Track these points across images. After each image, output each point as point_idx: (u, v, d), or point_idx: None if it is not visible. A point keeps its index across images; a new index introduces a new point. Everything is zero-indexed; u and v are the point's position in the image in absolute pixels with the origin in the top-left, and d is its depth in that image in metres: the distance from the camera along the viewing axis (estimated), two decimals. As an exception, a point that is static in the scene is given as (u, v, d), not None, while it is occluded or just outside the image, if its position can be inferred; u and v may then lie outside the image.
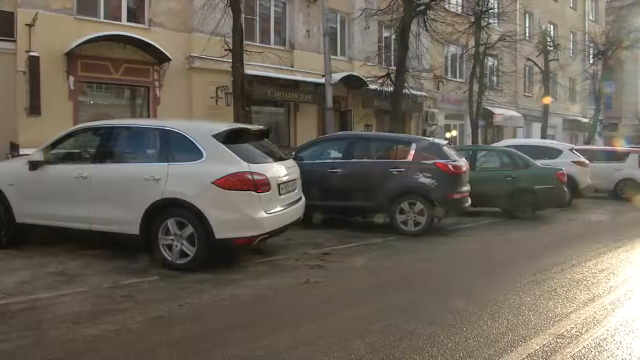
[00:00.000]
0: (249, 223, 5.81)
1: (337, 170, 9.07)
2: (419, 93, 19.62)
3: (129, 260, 6.10)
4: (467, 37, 19.53)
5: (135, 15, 13.78)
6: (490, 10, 20.52)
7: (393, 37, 18.61)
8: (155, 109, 13.82)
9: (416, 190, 8.75)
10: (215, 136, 5.96)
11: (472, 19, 19.03)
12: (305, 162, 8.88)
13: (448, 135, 22.78)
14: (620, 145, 21.74)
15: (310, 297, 5.20)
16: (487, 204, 11.14)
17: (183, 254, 5.84)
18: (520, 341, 4.01)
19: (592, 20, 36.05)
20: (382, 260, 7.06)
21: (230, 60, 11.64)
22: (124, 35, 12.73)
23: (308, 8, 17.17)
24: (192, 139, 5.99)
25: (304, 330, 4.18)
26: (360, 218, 9.73)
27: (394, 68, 15.73)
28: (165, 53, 13.30)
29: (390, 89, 15.36)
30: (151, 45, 12.99)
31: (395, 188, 8.75)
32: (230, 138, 6.04)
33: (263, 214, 5.89)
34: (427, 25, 15.60)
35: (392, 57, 18.73)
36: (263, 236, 6.01)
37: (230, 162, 5.83)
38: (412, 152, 8.87)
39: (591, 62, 32.27)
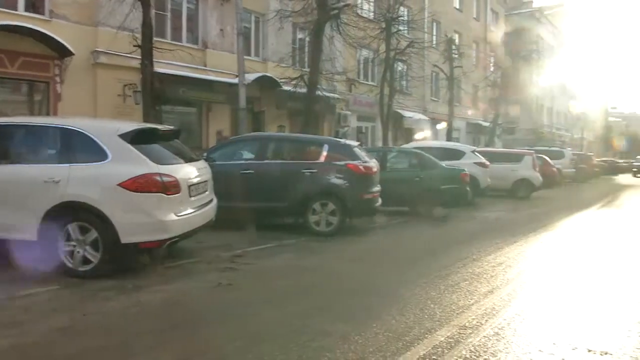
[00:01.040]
0: (158, 226, 5.62)
1: (249, 171, 9.01)
2: (332, 95, 19.92)
3: (27, 269, 5.67)
4: (378, 42, 20.09)
5: (34, 5, 12.84)
6: (400, 18, 21.26)
7: (307, 39, 18.77)
8: (56, 106, 12.96)
9: (328, 191, 8.90)
10: (122, 136, 5.71)
11: (383, 25, 19.62)
12: (218, 163, 8.74)
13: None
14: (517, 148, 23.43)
15: (222, 301, 5.12)
16: (397, 203, 11.54)
17: (86, 261, 5.53)
18: (427, 333, 4.20)
19: (492, 31, 38.51)
20: (295, 261, 7.10)
21: (139, 57, 11.19)
22: (20, 26, 11.82)
23: (222, 6, 16.89)
24: (96, 139, 5.68)
25: (215, 335, 4.11)
26: (273, 219, 9.73)
27: (308, 70, 15.88)
28: (67, 46, 12.50)
29: (304, 90, 15.49)
30: (51, 37, 12.17)
31: (308, 189, 8.85)
32: (138, 138, 5.80)
33: (172, 217, 5.72)
34: (341, 29, 15.89)
35: (306, 59, 18.91)
36: (173, 239, 5.83)
37: (137, 163, 5.61)
38: (325, 153, 9.01)
39: (491, 69, 34.45)
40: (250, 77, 15.75)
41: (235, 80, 14.48)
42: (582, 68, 53.04)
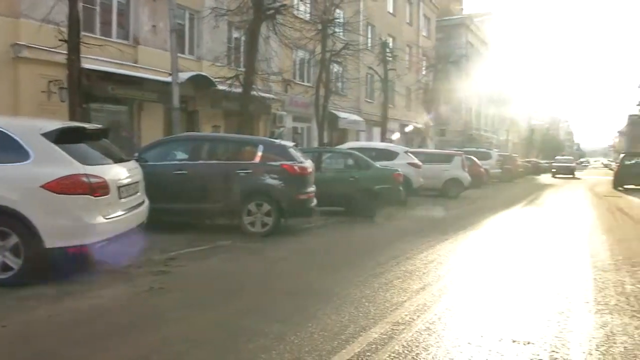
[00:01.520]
0: (85, 230, 5.38)
1: (183, 172, 8.83)
2: (267, 95, 19.85)
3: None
4: (314, 43, 20.21)
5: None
6: (335, 20, 21.51)
7: (243, 38, 18.58)
8: (-28, 102, 12.14)
9: (263, 192, 8.87)
10: (46, 135, 5.41)
11: (319, 27, 19.76)
12: (150, 163, 8.50)
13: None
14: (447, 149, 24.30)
15: (155, 305, 4.97)
16: (332, 203, 11.65)
17: (6, 268, 5.21)
18: (361, 331, 4.27)
19: (425, 36, 39.77)
20: (230, 262, 7.02)
21: (66, 52, 10.66)
22: None
23: (154, 2, 16.38)
24: (16, 138, 5.36)
25: (148, 341, 3.99)
26: (207, 220, 9.57)
27: (243, 69, 15.73)
28: (-17, 39, 11.76)
29: (239, 90, 15.33)
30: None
31: (243, 189, 8.78)
32: (63, 137, 5.53)
33: (101, 220, 5.49)
34: (277, 29, 15.85)
35: (242, 59, 18.72)
36: (102, 243, 5.61)
37: (62, 164, 5.34)
38: (260, 153, 8.97)
39: (424, 73, 35.55)
40: (184, 75, 15.41)
41: (169, 79, 14.12)
42: (509, 74, 55.82)
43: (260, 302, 5.13)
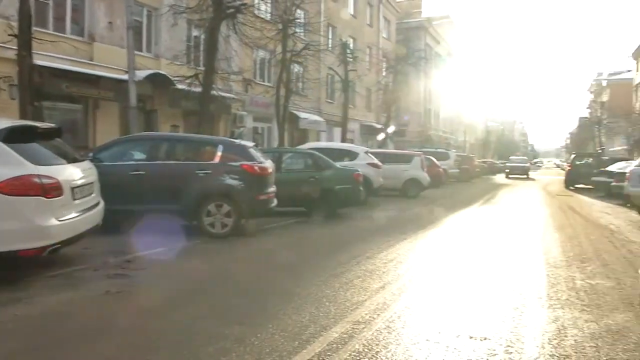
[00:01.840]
0: (37, 232, 5.20)
1: (140, 172, 8.63)
2: (227, 95, 19.66)
3: None
4: (275, 43, 20.14)
5: None
6: (296, 20, 21.49)
7: (202, 37, 18.33)
8: None
9: (223, 192, 8.77)
10: (-6, 134, 5.21)
11: (280, 27, 19.71)
12: (105, 163, 8.29)
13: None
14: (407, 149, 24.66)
15: (111, 310, 4.83)
16: (293, 204, 11.63)
17: (-49, 272, 4.99)
18: (322, 331, 4.28)
19: (385, 38, 40.22)
20: (189, 264, 6.91)
21: (16, 48, 10.26)
22: None
23: (111, -2, 16.00)
24: (-38, 137, 5.14)
25: (103, 349, 3.87)
26: (166, 222, 9.38)
27: (203, 69, 15.53)
28: None
29: (199, 89, 15.12)
30: None
31: (202, 190, 8.66)
32: (12, 137, 5.32)
33: (54, 222, 5.32)
34: (237, 28, 15.71)
35: (201, 57, 18.46)
36: (55, 246, 5.43)
37: (12, 164, 5.14)
38: (219, 153, 8.86)
39: (384, 74, 35.95)
40: (141, 74, 15.09)
41: (125, 77, 13.79)
42: (466, 76, 57.19)
43: (220, 304, 5.08)
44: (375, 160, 15.91)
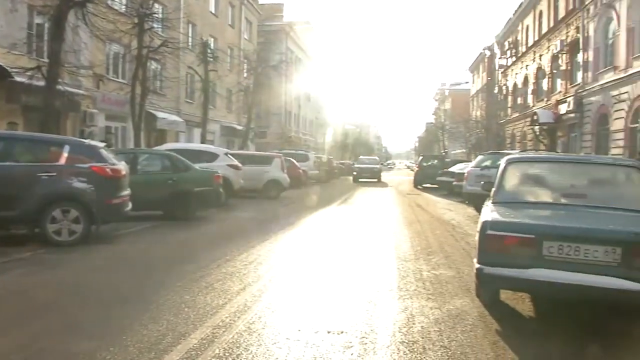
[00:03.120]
0: None
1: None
2: (76, 91, 18.18)
3: None
4: (130, 37, 19.07)
5: None
6: (154, 15, 20.52)
7: (47, 25, 16.70)
8: None
9: (70, 197, 8.10)
10: None
11: (136, 20, 18.68)
12: None
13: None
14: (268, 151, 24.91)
15: None
16: (150, 207, 11.12)
17: None
18: (181, 338, 4.15)
19: (246, 39, 40.14)
20: (32, 277, 6.26)
21: None
22: None
23: None
24: None
25: None
26: (2, 230, 8.43)
27: (47, 60, 14.16)
28: None
29: (42, 83, 13.77)
30: None
31: (45, 194, 7.91)
32: None
33: None
34: (87, 18, 14.54)
35: (45, 48, 16.82)
36: None
37: None
38: (65, 154, 8.14)
39: (245, 76, 35.88)
40: (-31, 63, 13.34)
41: (-51, 66, 12.11)
42: (325, 80, 59.38)
43: (70, 318, 4.68)
44: (236, 162, 15.82)
